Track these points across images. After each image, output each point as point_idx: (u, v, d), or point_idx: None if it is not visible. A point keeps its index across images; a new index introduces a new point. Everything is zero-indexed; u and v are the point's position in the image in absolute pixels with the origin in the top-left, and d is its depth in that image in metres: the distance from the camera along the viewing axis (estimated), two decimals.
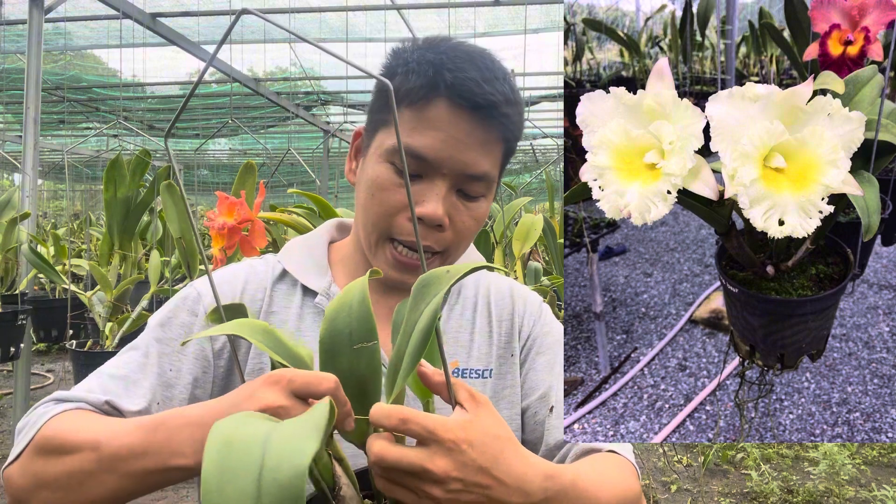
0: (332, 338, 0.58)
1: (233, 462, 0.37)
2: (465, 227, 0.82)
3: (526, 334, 0.92)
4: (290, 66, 6.59)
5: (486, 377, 0.88)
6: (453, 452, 0.55)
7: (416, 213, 0.75)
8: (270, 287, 0.88)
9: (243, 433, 0.40)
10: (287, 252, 0.93)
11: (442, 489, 0.55)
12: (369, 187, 0.80)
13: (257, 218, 1.41)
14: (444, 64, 0.77)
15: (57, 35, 5.00)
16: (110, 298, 2.61)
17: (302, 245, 0.94)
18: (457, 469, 0.55)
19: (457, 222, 0.81)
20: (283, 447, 0.38)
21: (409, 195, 0.52)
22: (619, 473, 0.77)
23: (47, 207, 12.68)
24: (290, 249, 0.93)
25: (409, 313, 0.56)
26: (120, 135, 8.12)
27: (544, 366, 0.90)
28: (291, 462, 0.37)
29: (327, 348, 0.58)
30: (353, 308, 0.59)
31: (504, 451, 0.58)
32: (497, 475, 0.57)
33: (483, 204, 0.83)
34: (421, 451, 0.55)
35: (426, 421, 0.55)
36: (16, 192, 3.01)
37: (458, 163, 0.78)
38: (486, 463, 0.56)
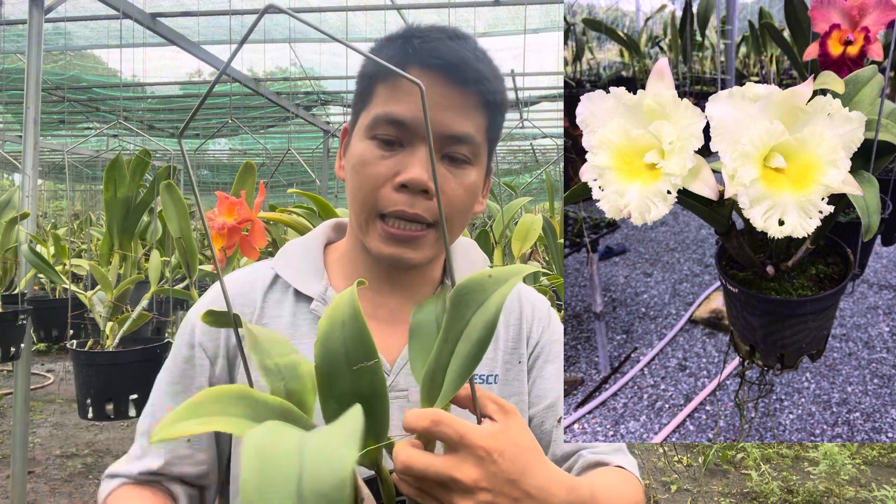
0: (327, 361, 0.54)
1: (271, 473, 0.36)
2: (454, 196, 0.79)
3: (535, 341, 0.90)
4: (290, 66, 6.59)
5: (490, 383, 0.87)
6: (484, 462, 0.53)
7: (400, 180, 0.76)
8: (261, 297, 0.86)
9: (277, 442, 0.38)
10: (281, 257, 0.91)
11: (470, 499, 0.53)
12: (354, 166, 0.80)
13: (257, 218, 1.41)
14: (413, 34, 0.78)
15: (57, 35, 4.99)
16: (111, 298, 2.61)
17: (297, 248, 0.92)
18: (486, 479, 0.53)
19: (445, 190, 0.78)
20: (320, 456, 0.37)
21: (432, 163, 0.52)
22: (627, 488, 0.78)
23: (47, 207, 12.68)
24: (285, 253, 0.91)
25: (452, 321, 0.54)
26: (120, 135, 8.12)
27: (553, 374, 0.88)
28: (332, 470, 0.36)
29: (324, 372, 0.54)
30: (345, 325, 0.55)
31: (531, 463, 0.57)
32: (525, 487, 0.55)
33: (471, 172, 0.80)
34: (449, 458, 0.53)
35: (459, 425, 0.53)
36: (16, 192, 3.01)
37: (437, 124, 0.76)
38: (515, 475, 0.55)
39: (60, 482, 4.00)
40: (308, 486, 0.35)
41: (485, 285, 0.54)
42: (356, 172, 0.79)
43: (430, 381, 0.55)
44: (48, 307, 3.75)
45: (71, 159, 9.44)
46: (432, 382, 0.55)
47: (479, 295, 0.54)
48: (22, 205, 2.84)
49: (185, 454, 0.82)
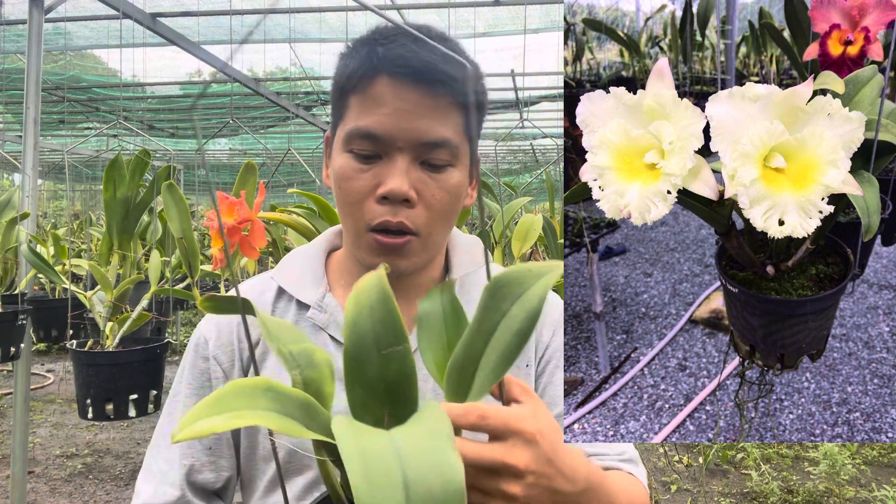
0: (356, 345, 0.54)
1: (375, 475, 0.36)
2: (436, 201, 0.78)
3: (545, 345, 0.88)
4: (290, 66, 6.59)
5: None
6: (531, 444, 0.54)
7: (380, 193, 0.75)
8: (271, 307, 0.87)
9: (371, 443, 0.38)
10: (282, 265, 0.91)
11: (521, 484, 0.54)
12: (336, 180, 0.80)
13: (257, 218, 1.41)
14: (377, 41, 0.77)
15: (57, 35, 4.99)
16: (110, 298, 2.61)
17: (298, 256, 0.92)
18: (534, 461, 0.54)
19: (426, 196, 0.78)
20: (422, 461, 0.36)
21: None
22: (634, 490, 0.79)
23: (47, 207, 12.68)
24: (286, 262, 0.92)
25: (487, 312, 0.53)
26: (120, 135, 8.12)
27: (561, 381, 0.87)
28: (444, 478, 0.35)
29: (353, 356, 0.54)
30: (374, 309, 0.55)
31: (559, 442, 0.58)
32: (559, 466, 0.57)
33: (453, 174, 0.79)
34: (499, 445, 0.53)
35: (503, 414, 0.54)
36: (16, 192, 3.01)
37: (411, 133, 0.76)
38: (552, 454, 0.56)
39: (60, 482, 4.00)
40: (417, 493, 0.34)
41: (523, 278, 0.53)
42: (339, 187, 0.80)
43: (459, 372, 0.54)
44: (48, 307, 3.76)
45: (71, 159, 9.43)
46: (461, 374, 0.54)
47: (517, 288, 0.53)
48: (22, 205, 2.84)
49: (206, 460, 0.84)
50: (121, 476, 4.10)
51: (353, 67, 0.78)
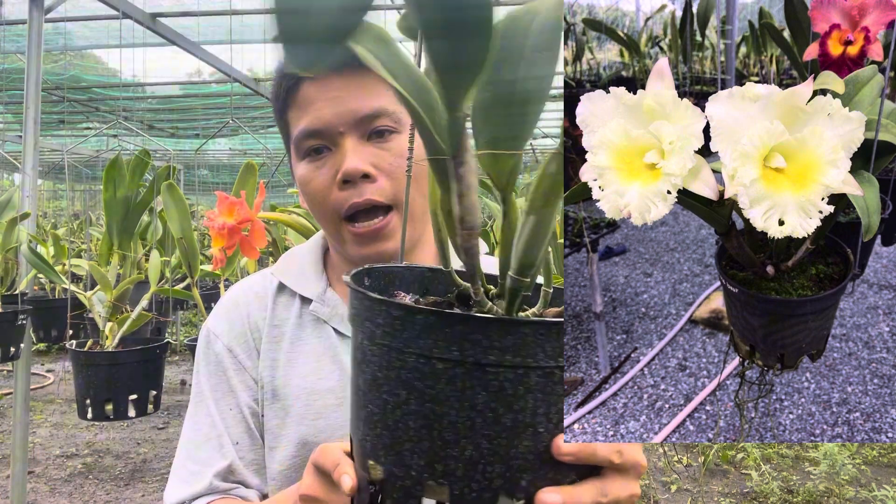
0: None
1: None
2: (392, 168, 0.81)
3: None
4: None
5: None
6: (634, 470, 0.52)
7: (340, 177, 0.79)
8: (272, 301, 0.90)
9: None
10: (282, 262, 0.94)
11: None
12: (302, 189, 0.84)
13: (257, 218, 1.41)
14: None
15: (57, 35, 4.99)
16: (110, 298, 2.61)
17: (298, 253, 0.95)
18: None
19: (384, 167, 0.80)
20: None
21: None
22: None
23: (47, 207, 12.68)
24: (286, 259, 0.95)
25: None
26: (119, 135, 8.12)
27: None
28: None
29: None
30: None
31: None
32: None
33: (398, 138, 0.81)
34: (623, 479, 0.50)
35: (624, 449, 0.51)
36: (16, 192, 3.01)
37: (346, 114, 0.79)
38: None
39: (60, 482, 4.00)
40: None
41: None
42: (305, 193, 0.84)
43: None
44: (48, 307, 3.76)
45: (71, 159, 9.43)
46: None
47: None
48: (22, 205, 2.84)
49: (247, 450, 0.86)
50: (120, 476, 4.10)
51: (277, 90, 0.84)
